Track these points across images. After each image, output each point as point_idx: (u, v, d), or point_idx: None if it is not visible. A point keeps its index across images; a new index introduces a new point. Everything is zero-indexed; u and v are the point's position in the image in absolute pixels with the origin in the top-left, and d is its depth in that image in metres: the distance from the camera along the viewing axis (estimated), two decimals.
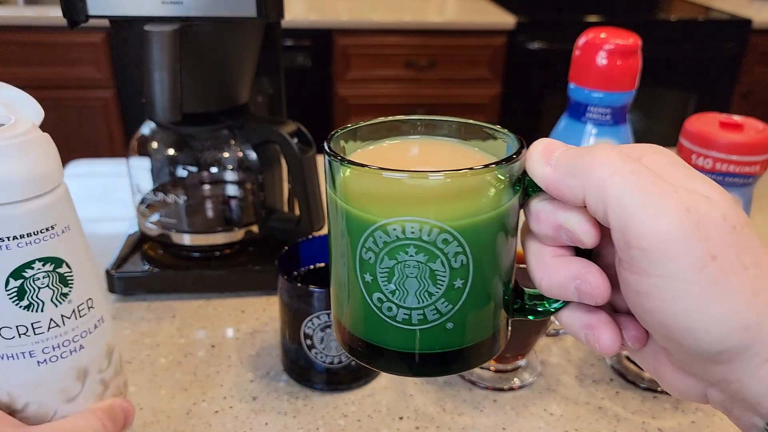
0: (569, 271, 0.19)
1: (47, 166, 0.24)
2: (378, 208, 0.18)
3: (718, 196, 0.17)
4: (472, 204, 0.19)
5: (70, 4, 0.38)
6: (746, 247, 0.16)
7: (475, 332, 0.20)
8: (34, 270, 0.24)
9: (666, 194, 0.16)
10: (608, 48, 0.40)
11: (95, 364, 0.28)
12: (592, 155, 0.17)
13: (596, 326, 0.19)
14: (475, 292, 0.19)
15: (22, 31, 1.34)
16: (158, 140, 0.46)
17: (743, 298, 0.16)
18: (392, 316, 0.19)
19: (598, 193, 0.17)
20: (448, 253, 0.18)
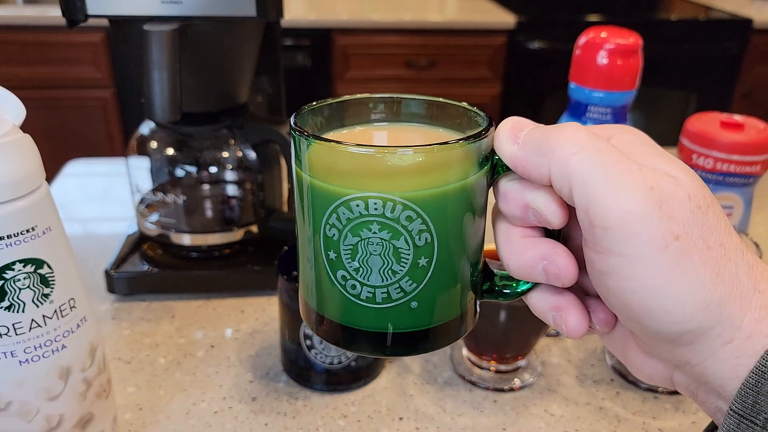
0: (537, 252, 0.18)
1: (28, 167, 0.24)
2: (341, 183, 0.18)
3: (684, 176, 0.17)
4: (438, 181, 0.18)
5: (70, 3, 0.38)
6: (711, 227, 0.16)
7: (441, 312, 0.20)
8: (15, 271, 0.24)
9: (630, 173, 0.16)
10: (609, 47, 0.40)
11: (78, 363, 0.28)
12: (557, 133, 0.17)
13: (564, 308, 0.19)
14: (441, 272, 0.19)
15: (21, 30, 1.33)
16: (157, 140, 0.46)
17: (706, 279, 0.16)
18: (356, 294, 0.19)
19: (562, 172, 0.17)
20: (412, 230, 0.18)
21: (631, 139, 0.18)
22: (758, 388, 0.16)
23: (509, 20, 1.46)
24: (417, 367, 0.39)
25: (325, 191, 0.18)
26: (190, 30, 0.37)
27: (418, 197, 0.18)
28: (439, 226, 0.18)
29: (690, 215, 0.16)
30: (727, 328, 0.16)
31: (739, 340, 0.16)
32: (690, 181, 0.17)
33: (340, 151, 0.18)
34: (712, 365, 0.17)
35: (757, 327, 0.16)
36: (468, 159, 0.19)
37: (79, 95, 1.42)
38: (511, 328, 0.36)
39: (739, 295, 0.16)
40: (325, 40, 1.44)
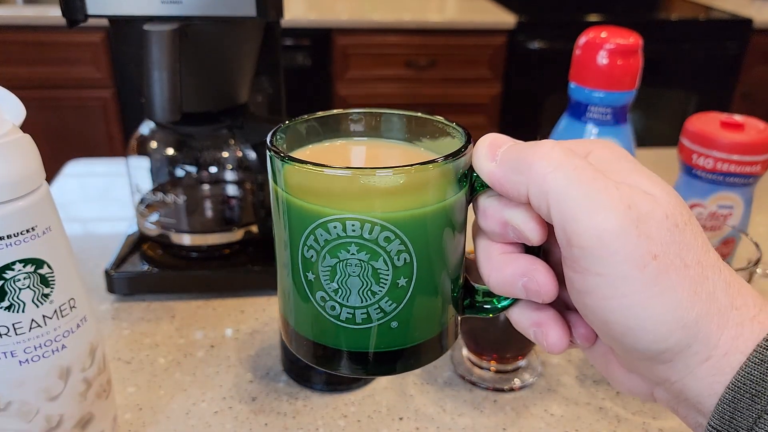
0: (517, 268, 0.18)
1: (28, 167, 0.24)
2: (319, 205, 0.18)
3: (662, 193, 0.17)
4: (416, 201, 0.18)
5: (69, 3, 0.38)
6: (688, 245, 0.16)
7: (421, 330, 0.20)
8: (15, 271, 0.24)
9: (607, 191, 0.16)
10: (609, 47, 0.40)
11: (78, 363, 0.28)
12: (534, 150, 0.17)
13: (544, 324, 0.19)
14: (421, 291, 0.19)
15: (21, 30, 1.33)
16: (157, 140, 0.46)
17: (684, 298, 0.16)
18: (336, 315, 0.19)
19: (539, 190, 0.17)
20: (391, 251, 0.18)
21: (609, 155, 0.18)
22: (735, 405, 0.16)
23: (509, 20, 1.46)
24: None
25: (302, 212, 0.18)
26: (190, 30, 0.37)
27: (396, 218, 0.18)
28: (418, 246, 0.18)
29: (667, 234, 0.16)
30: (704, 346, 0.16)
31: (717, 357, 0.16)
32: (667, 198, 0.16)
33: (316, 172, 0.17)
34: (690, 382, 0.17)
35: (734, 344, 0.16)
36: (446, 177, 0.18)
37: (79, 95, 1.42)
38: (511, 328, 0.36)
39: (717, 313, 0.16)
40: (325, 40, 1.44)
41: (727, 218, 0.43)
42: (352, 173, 0.17)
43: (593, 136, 0.43)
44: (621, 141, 0.43)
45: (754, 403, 0.15)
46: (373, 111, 0.22)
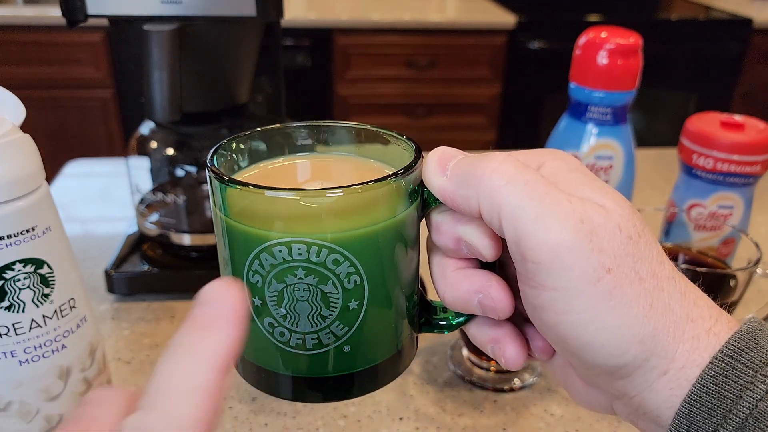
0: (472, 285, 0.18)
1: (28, 167, 0.24)
2: (262, 228, 0.17)
3: (614, 205, 0.16)
4: (364, 220, 0.17)
5: (69, 3, 0.38)
6: (642, 257, 0.16)
7: (376, 352, 0.19)
8: (15, 271, 0.24)
9: (559, 205, 0.16)
10: (609, 47, 0.40)
11: (78, 363, 0.28)
12: (485, 164, 0.17)
13: (501, 340, 0.19)
14: (373, 312, 0.18)
15: (21, 30, 1.33)
16: (157, 140, 0.46)
17: (639, 311, 0.16)
18: (285, 342, 0.18)
19: (491, 204, 0.16)
20: (340, 273, 0.17)
21: (561, 165, 0.17)
22: (691, 418, 0.16)
23: (509, 20, 1.46)
24: (417, 368, 0.39)
25: (245, 236, 0.17)
26: (190, 30, 0.37)
27: (345, 239, 0.17)
28: (368, 267, 0.18)
29: (621, 246, 0.16)
30: (661, 359, 0.16)
31: (673, 371, 0.16)
32: (620, 210, 0.16)
33: (258, 195, 0.17)
34: (648, 396, 0.16)
35: (690, 357, 0.16)
36: (396, 194, 0.18)
37: (78, 95, 1.42)
38: None
39: (673, 326, 0.16)
40: (326, 40, 1.44)
41: (727, 218, 0.43)
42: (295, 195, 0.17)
43: (593, 136, 0.43)
44: (621, 141, 0.43)
45: (710, 416, 0.15)
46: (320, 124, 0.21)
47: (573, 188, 0.17)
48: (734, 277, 0.35)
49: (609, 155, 0.43)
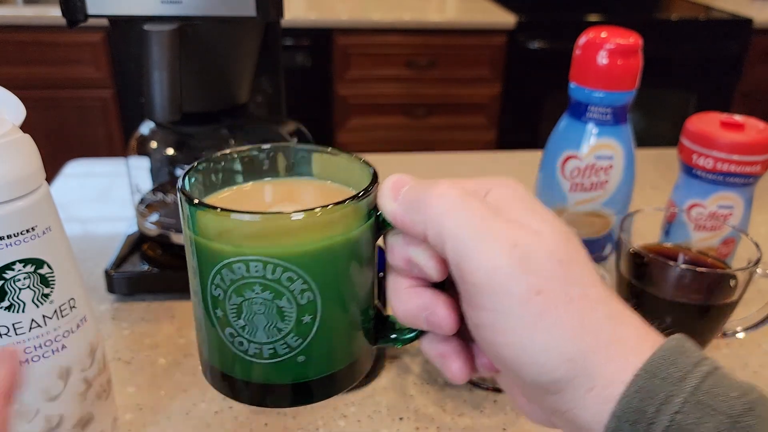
0: (420, 302, 0.19)
1: (28, 167, 0.24)
2: (224, 246, 0.18)
3: (549, 231, 0.17)
4: (319, 241, 0.19)
5: (69, 3, 0.38)
6: (574, 280, 0.17)
7: (330, 363, 0.20)
8: (15, 271, 0.24)
9: (495, 231, 0.17)
10: (609, 47, 0.40)
11: (78, 363, 0.28)
12: (432, 191, 0.18)
13: (448, 355, 0.20)
14: (326, 326, 0.20)
15: (21, 30, 1.34)
16: (157, 140, 0.46)
17: (568, 331, 0.17)
18: (244, 350, 0.20)
19: (436, 230, 0.18)
20: (294, 290, 0.19)
21: (506, 193, 0.19)
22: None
23: (509, 20, 1.46)
24: (417, 368, 0.39)
25: (209, 253, 0.19)
26: (190, 30, 0.37)
27: (299, 259, 0.18)
28: (321, 285, 0.19)
29: (552, 270, 0.17)
30: (589, 377, 0.17)
31: (601, 387, 0.17)
32: (554, 236, 0.17)
33: (222, 217, 0.18)
34: (579, 412, 0.17)
35: (617, 375, 0.17)
36: (351, 217, 0.19)
37: (78, 95, 1.42)
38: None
39: (601, 346, 0.17)
40: (326, 39, 1.44)
41: (727, 218, 0.43)
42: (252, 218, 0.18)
43: (593, 136, 0.43)
44: (621, 141, 0.43)
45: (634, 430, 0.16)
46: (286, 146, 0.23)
47: (513, 215, 0.18)
48: (734, 277, 0.35)
49: (609, 155, 0.43)
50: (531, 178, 0.69)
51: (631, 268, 0.37)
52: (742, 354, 0.42)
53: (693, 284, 0.36)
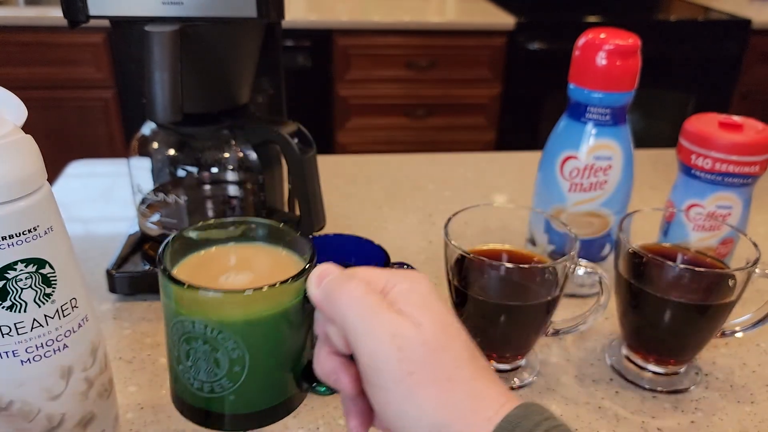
0: (331, 366, 0.24)
1: (29, 168, 0.25)
2: (181, 305, 0.24)
3: (429, 323, 0.22)
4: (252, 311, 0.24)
5: (71, 4, 0.38)
6: (442, 365, 0.21)
7: (258, 402, 0.26)
8: (17, 271, 0.25)
9: (381, 323, 0.22)
10: (608, 48, 0.40)
11: (79, 362, 0.28)
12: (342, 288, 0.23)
13: (349, 413, 0.25)
14: (253, 376, 0.25)
15: (22, 31, 1.34)
16: (159, 140, 0.46)
17: (432, 405, 0.21)
18: (191, 384, 0.25)
19: (340, 318, 0.23)
20: (227, 347, 0.24)
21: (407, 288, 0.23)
22: None
23: (509, 21, 1.46)
24: None
25: (170, 308, 0.25)
26: (191, 31, 0.38)
27: (231, 326, 0.24)
28: (249, 346, 0.24)
29: (423, 356, 0.21)
30: None
31: None
32: (432, 327, 0.22)
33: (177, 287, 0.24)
34: None
35: None
36: (282, 293, 0.24)
37: (80, 96, 1.42)
38: (510, 327, 0.37)
39: (462, 417, 0.21)
40: (326, 40, 1.44)
41: (725, 218, 0.44)
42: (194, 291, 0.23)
43: (592, 137, 0.43)
44: (620, 142, 0.43)
45: None
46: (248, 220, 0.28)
47: (405, 308, 0.22)
48: (733, 277, 0.35)
49: (608, 155, 0.43)
50: (530, 179, 0.69)
51: (629, 268, 0.37)
52: (741, 353, 0.42)
53: (692, 284, 0.36)
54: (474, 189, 0.66)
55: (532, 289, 0.36)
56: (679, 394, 0.38)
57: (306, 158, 0.41)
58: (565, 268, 0.35)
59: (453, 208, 0.39)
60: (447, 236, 0.36)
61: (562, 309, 0.46)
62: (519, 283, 0.36)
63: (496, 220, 0.41)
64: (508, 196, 0.65)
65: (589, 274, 0.36)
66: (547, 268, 0.36)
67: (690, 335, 0.37)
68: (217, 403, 0.26)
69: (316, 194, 0.43)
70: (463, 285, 0.36)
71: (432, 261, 0.51)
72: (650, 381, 0.38)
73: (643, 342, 0.38)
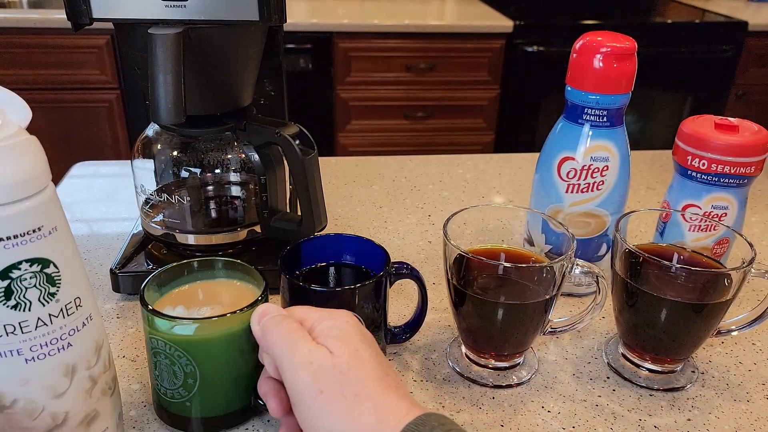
0: (266, 389, 0.30)
1: (34, 168, 0.25)
2: (149, 325, 0.31)
3: (340, 351, 0.27)
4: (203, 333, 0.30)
5: (74, 7, 0.38)
6: (350, 384, 0.26)
7: (209, 410, 0.32)
8: (21, 271, 0.25)
9: (300, 353, 0.27)
10: (605, 51, 0.41)
11: (83, 360, 0.28)
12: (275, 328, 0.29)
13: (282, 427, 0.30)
14: (205, 388, 0.31)
15: (26, 33, 1.34)
16: (162, 142, 0.46)
17: (340, 419, 0.25)
18: (159, 388, 0.32)
19: (271, 351, 0.28)
20: (181, 362, 0.31)
21: (331, 324, 0.29)
22: None
23: (507, 24, 1.47)
24: (417, 365, 0.40)
25: (145, 326, 0.32)
26: (194, 33, 0.38)
27: (185, 345, 0.30)
28: (201, 362, 0.31)
29: (332, 378, 0.26)
30: None
31: None
32: (342, 355, 0.27)
33: (143, 308, 0.31)
34: None
35: None
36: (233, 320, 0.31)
37: (84, 98, 1.43)
38: (508, 326, 0.37)
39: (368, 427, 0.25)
40: (327, 43, 1.45)
41: (721, 218, 0.44)
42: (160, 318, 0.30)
43: (589, 138, 0.43)
44: (616, 143, 0.44)
45: None
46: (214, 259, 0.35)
47: (325, 340, 0.28)
48: (729, 276, 0.36)
49: (605, 157, 0.43)
50: (528, 180, 0.69)
51: (626, 268, 0.37)
52: (737, 352, 0.42)
53: (688, 283, 0.36)
54: (472, 190, 0.66)
55: (529, 288, 0.36)
56: (675, 392, 0.38)
57: (307, 159, 0.42)
58: (562, 267, 0.35)
59: (452, 208, 0.39)
60: (446, 236, 0.37)
61: (560, 308, 0.46)
62: (517, 282, 0.37)
63: (495, 220, 0.41)
64: (506, 196, 0.65)
65: (586, 274, 0.37)
66: (544, 268, 0.36)
67: (686, 334, 0.37)
68: (177, 408, 0.32)
69: (317, 195, 0.43)
70: (461, 284, 0.37)
71: (431, 260, 0.52)
72: (647, 379, 0.39)
73: (639, 340, 0.39)
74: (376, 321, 0.37)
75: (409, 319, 0.40)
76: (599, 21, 1.54)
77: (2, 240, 0.24)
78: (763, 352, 0.42)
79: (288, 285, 0.35)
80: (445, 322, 0.44)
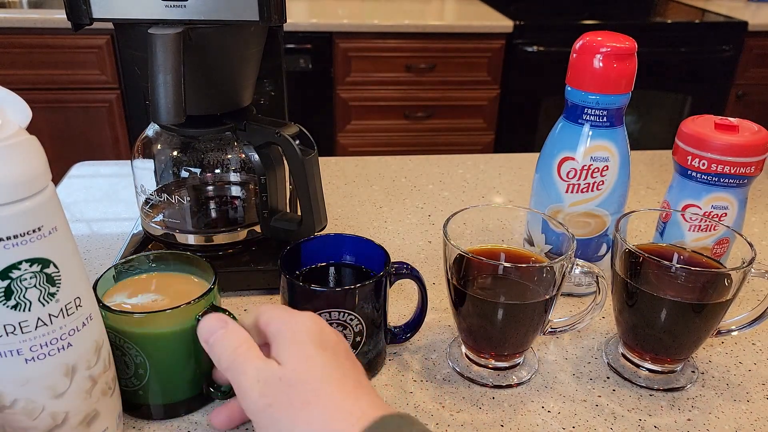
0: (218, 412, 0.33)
1: (34, 168, 0.25)
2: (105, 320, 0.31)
3: (289, 361, 0.27)
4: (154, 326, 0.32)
5: (75, 7, 0.38)
6: (297, 393, 0.26)
7: (161, 398, 0.34)
8: (21, 271, 0.25)
9: (248, 372, 0.28)
10: (604, 51, 0.41)
11: (83, 360, 0.28)
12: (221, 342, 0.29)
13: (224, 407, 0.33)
14: (154, 378, 0.33)
15: (26, 33, 1.35)
16: (162, 142, 0.46)
17: (288, 425, 0.26)
18: (120, 377, 0.33)
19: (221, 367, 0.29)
20: (132, 353, 0.32)
21: (280, 330, 0.29)
22: None
23: (507, 24, 1.47)
24: (417, 365, 0.40)
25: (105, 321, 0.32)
26: (194, 34, 0.38)
27: (133, 337, 0.32)
28: (149, 354, 0.32)
29: (279, 390, 0.27)
30: None
31: None
32: (291, 366, 0.27)
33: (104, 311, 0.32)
34: None
35: None
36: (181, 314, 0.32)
37: (84, 98, 1.43)
38: (508, 326, 0.37)
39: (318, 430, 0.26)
40: (327, 43, 1.45)
41: (721, 218, 0.44)
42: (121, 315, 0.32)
43: (589, 138, 0.43)
44: (616, 143, 0.44)
45: None
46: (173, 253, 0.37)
47: (275, 350, 0.28)
48: (729, 276, 0.36)
49: (605, 157, 0.43)
50: (528, 180, 0.69)
51: (626, 268, 0.37)
52: (737, 352, 0.42)
53: (688, 283, 0.36)
54: (472, 190, 0.66)
55: (529, 288, 0.36)
56: (675, 392, 0.38)
57: (307, 159, 0.42)
58: (562, 267, 0.35)
59: (452, 208, 0.39)
60: (446, 236, 0.37)
61: (560, 308, 0.46)
62: (517, 282, 0.37)
63: (495, 220, 0.41)
64: (506, 196, 0.65)
65: (586, 274, 0.37)
66: (544, 268, 0.36)
67: (686, 334, 0.37)
68: (132, 395, 0.34)
69: (317, 195, 0.43)
70: (461, 284, 0.37)
71: (431, 260, 0.52)
72: (647, 379, 0.39)
73: (639, 340, 0.39)
74: (376, 321, 0.37)
75: (409, 319, 0.40)
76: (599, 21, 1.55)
77: (2, 240, 0.24)
78: (763, 352, 0.42)
79: (288, 285, 0.35)
80: (445, 322, 0.44)
